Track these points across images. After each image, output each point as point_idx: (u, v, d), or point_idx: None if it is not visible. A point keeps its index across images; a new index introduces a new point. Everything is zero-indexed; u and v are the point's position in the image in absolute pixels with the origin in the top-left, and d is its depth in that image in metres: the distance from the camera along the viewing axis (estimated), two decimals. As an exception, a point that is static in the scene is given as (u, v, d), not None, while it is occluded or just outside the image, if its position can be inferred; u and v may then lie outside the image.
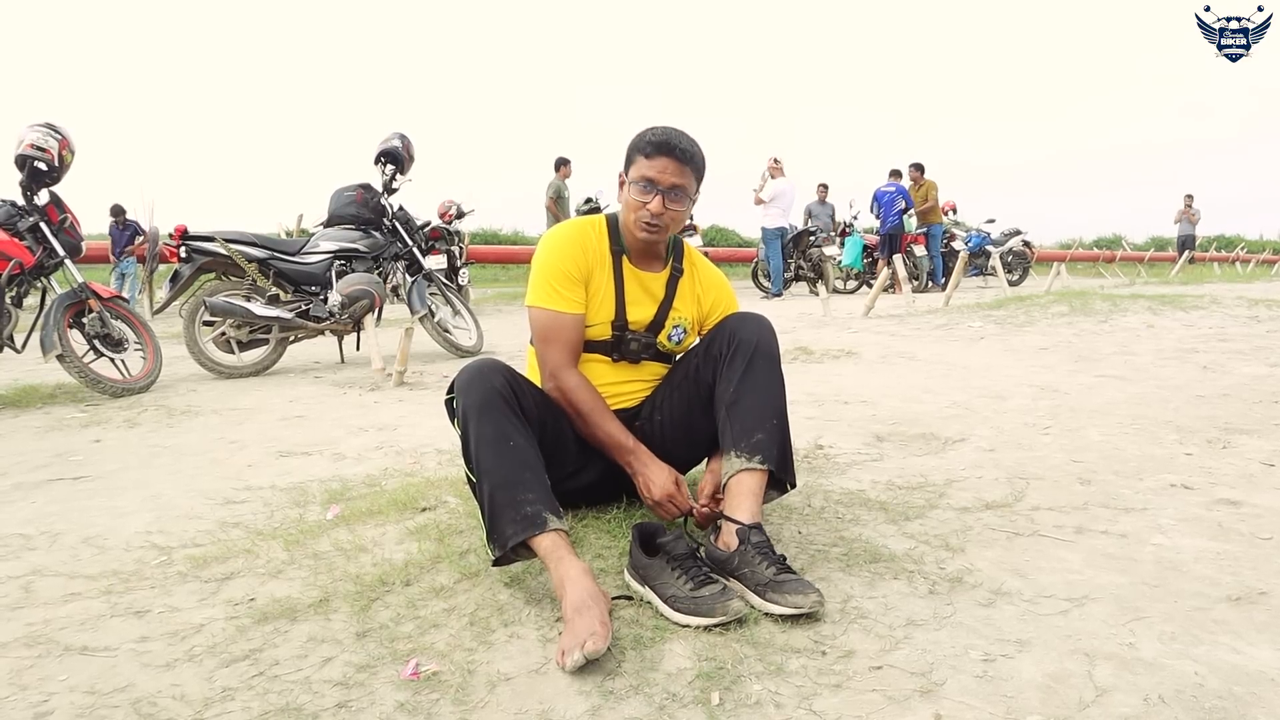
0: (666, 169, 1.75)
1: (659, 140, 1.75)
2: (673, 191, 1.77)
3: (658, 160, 1.75)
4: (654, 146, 1.75)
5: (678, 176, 1.76)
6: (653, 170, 1.75)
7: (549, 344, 1.81)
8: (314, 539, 1.92)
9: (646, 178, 1.75)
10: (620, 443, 1.77)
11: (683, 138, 1.77)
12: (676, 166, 1.75)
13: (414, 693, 1.26)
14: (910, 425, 3.07)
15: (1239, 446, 2.64)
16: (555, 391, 1.81)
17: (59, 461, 2.90)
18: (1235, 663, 1.32)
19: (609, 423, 1.78)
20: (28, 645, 1.45)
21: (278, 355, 5.17)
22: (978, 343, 5.52)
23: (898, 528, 1.94)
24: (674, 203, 1.77)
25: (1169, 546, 1.81)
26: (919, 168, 11.92)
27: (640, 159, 1.77)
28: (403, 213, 5.70)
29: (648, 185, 1.76)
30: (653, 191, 1.76)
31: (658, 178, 1.75)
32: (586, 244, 1.85)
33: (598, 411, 1.78)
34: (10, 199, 4.14)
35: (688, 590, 1.46)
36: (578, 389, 1.79)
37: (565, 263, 1.82)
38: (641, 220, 1.79)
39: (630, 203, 1.80)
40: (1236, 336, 5.11)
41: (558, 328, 1.81)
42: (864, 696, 1.23)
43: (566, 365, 1.81)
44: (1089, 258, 22.09)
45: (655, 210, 1.77)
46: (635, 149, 1.79)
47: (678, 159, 1.75)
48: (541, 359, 1.83)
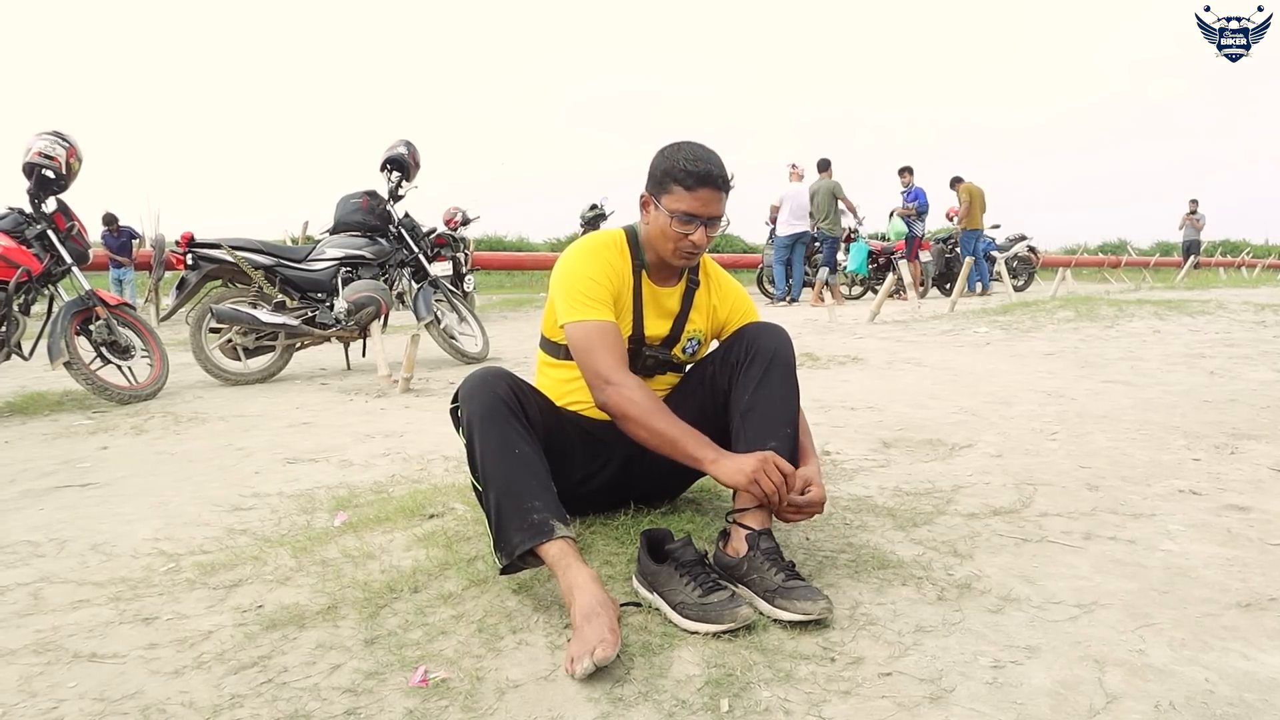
0: (709, 201, 1.72)
1: (701, 172, 1.70)
2: (714, 221, 1.75)
3: (701, 192, 1.71)
4: (696, 179, 1.70)
5: (718, 206, 1.74)
6: (697, 203, 1.71)
7: (596, 351, 1.70)
8: (322, 546, 1.92)
9: (690, 212, 1.71)
10: (696, 439, 1.62)
11: (717, 162, 1.74)
12: (717, 196, 1.73)
13: (423, 700, 1.26)
14: (917, 431, 3.07)
15: (1247, 452, 2.64)
16: (614, 397, 1.66)
17: (66, 468, 2.90)
18: (1246, 669, 1.31)
19: (678, 421, 1.65)
20: (36, 652, 1.45)
21: (284, 362, 5.19)
22: (984, 348, 5.52)
23: (906, 534, 1.94)
24: (713, 230, 1.76)
25: (1178, 552, 1.81)
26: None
27: (679, 190, 1.71)
28: (408, 219, 5.72)
29: (690, 219, 1.72)
30: (696, 224, 1.73)
31: (701, 211, 1.72)
32: (611, 259, 1.81)
33: (663, 411, 1.65)
34: (18, 207, 4.16)
35: (696, 597, 1.45)
36: (638, 388, 1.66)
37: (598, 276, 1.77)
38: (683, 250, 1.76)
39: (669, 233, 1.75)
40: (1243, 341, 5.10)
41: (601, 334, 1.72)
42: (873, 703, 1.23)
43: (619, 367, 1.69)
44: (1094, 263, 22.06)
45: (699, 242, 1.75)
46: (672, 178, 1.72)
47: (718, 188, 1.73)
48: (592, 369, 1.70)
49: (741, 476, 1.54)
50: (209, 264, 4.87)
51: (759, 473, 1.53)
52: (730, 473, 1.56)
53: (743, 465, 1.55)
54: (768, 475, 1.53)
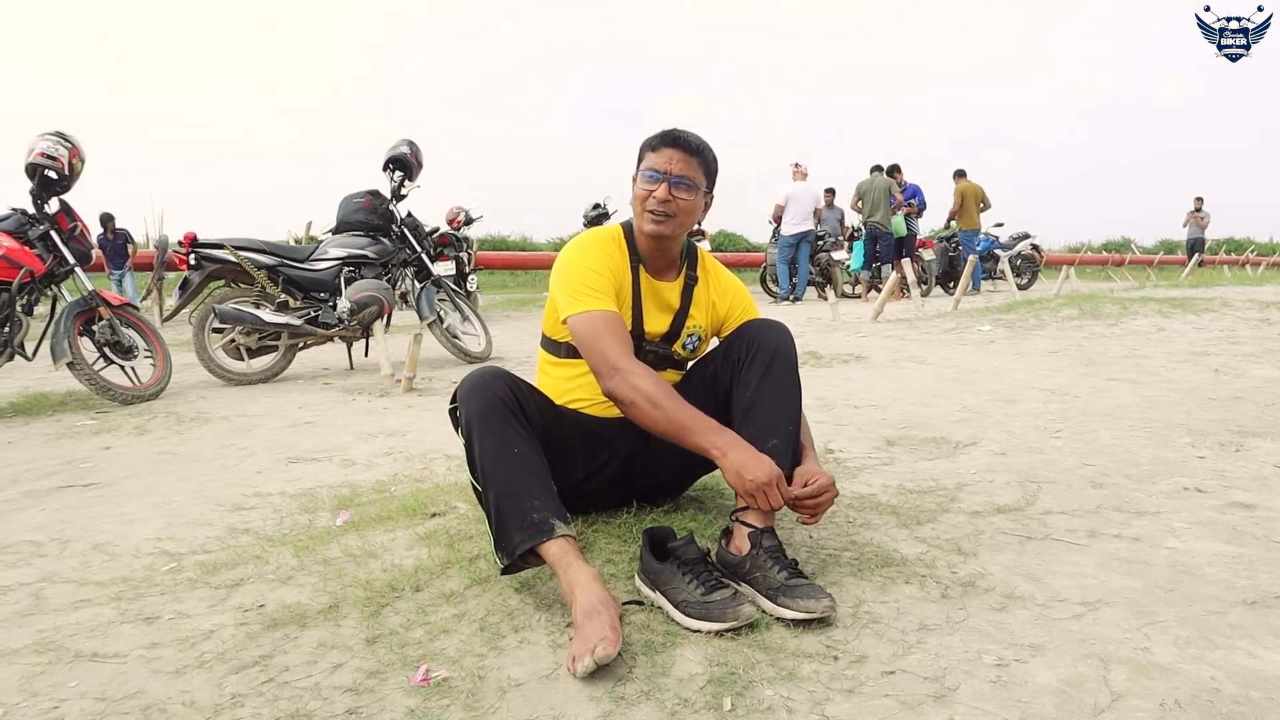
0: (673, 158, 1.75)
1: (665, 133, 1.77)
2: (681, 181, 1.75)
3: (664, 151, 1.76)
4: (660, 139, 1.77)
5: (684, 166, 1.76)
6: (659, 160, 1.76)
7: (602, 339, 1.67)
8: (324, 545, 1.92)
9: (653, 167, 1.76)
10: (706, 424, 1.59)
11: (690, 133, 1.79)
12: (683, 156, 1.76)
13: (424, 699, 1.25)
14: (921, 429, 3.06)
15: (1252, 449, 2.62)
16: (621, 385, 1.63)
17: (69, 469, 2.90)
18: (1252, 667, 1.30)
19: (688, 406, 1.62)
20: (38, 652, 1.45)
21: (287, 362, 5.19)
22: (987, 346, 5.51)
23: (909, 532, 1.93)
24: (682, 192, 1.75)
25: (1183, 550, 1.80)
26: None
27: (648, 153, 1.78)
28: (411, 219, 5.72)
29: (654, 174, 1.76)
30: (659, 180, 1.75)
31: (664, 166, 1.75)
32: (610, 253, 1.82)
33: (673, 396, 1.62)
34: (21, 207, 4.17)
35: (699, 595, 1.45)
36: (646, 374, 1.63)
37: (598, 268, 1.77)
38: (650, 211, 1.77)
39: (638, 194, 1.79)
40: (1248, 339, 5.08)
41: (606, 322, 1.70)
42: (877, 702, 1.22)
43: (627, 354, 1.66)
44: (1098, 261, 22.02)
45: (662, 196, 1.75)
46: (644, 146, 1.80)
47: (683, 149, 1.76)
48: (599, 357, 1.67)
49: (740, 485, 1.54)
50: (212, 264, 4.88)
51: (759, 493, 1.53)
52: (733, 474, 1.54)
53: (745, 471, 1.53)
54: (768, 497, 1.53)
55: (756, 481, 1.52)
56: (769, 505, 1.54)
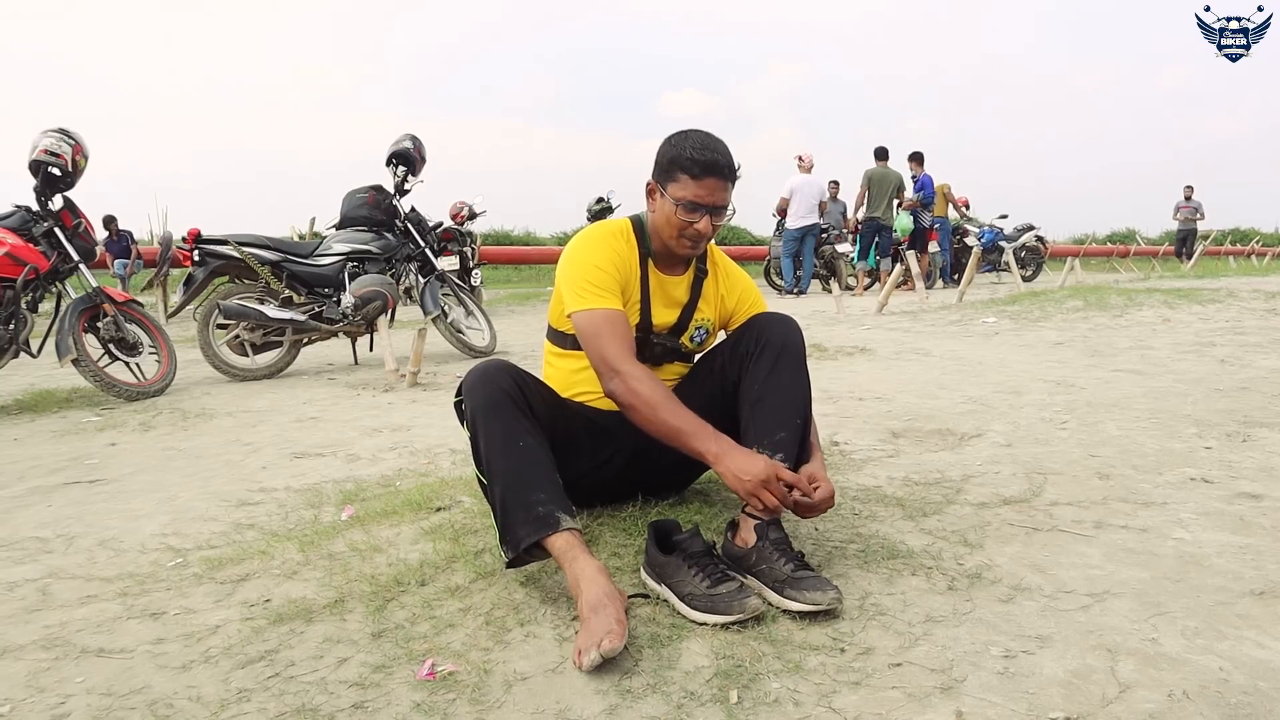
0: (714, 189, 1.71)
1: (706, 161, 1.69)
2: (720, 210, 1.75)
3: (707, 181, 1.70)
4: (701, 168, 1.69)
5: (724, 195, 1.73)
6: (702, 191, 1.70)
7: (603, 338, 1.69)
8: (329, 540, 1.92)
9: (695, 200, 1.71)
10: (703, 429, 1.59)
11: (723, 150, 1.73)
12: (723, 185, 1.72)
13: (430, 693, 1.25)
14: (926, 421, 3.06)
15: (1259, 440, 2.61)
16: (620, 386, 1.64)
17: (75, 465, 2.91)
18: (1260, 658, 1.30)
19: (686, 410, 1.62)
20: (45, 648, 1.45)
21: (291, 358, 5.19)
22: (992, 338, 5.49)
23: (915, 524, 1.93)
24: (719, 219, 1.75)
25: (1190, 541, 1.79)
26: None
27: (685, 179, 1.71)
28: (415, 214, 5.71)
29: (695, 207, 1.71)
30: (700, 213, 1.72)
31: (707, 199, 1.71)
32: (618, 248, 1.81)
33: (671, 400, 1.64)
34: (25, 204, 4.17)
35: (705, 588, 1.45)
36: (645, 377, 1.64)
37: (605, 265, 1.76)
38: (687, 240, 1.76)
39: (674, 221, 1.74)
40: (1253, 330, 5.06)
41: (609, 322, 1.70)
42: (884, 694, 1.22)
43: (627, 355, 1.67)
44: (1103, 252, 21.93)
45: (704, 231, 1.74)
46: (678, 166, 1.71)
47: (724, 177, 1.72)
48: (599, 357, 1.69)
49: (740, 486, 1.53)
50: (216, 260, 4.88)
51: (760, 490, 1.52)
52: (731, 478, 1.54)
53: (742, 472, 1.52)
54: (770, 492, 1.52)
55: (755, 479, 1.51)
56: (770, 505, 1.54)
